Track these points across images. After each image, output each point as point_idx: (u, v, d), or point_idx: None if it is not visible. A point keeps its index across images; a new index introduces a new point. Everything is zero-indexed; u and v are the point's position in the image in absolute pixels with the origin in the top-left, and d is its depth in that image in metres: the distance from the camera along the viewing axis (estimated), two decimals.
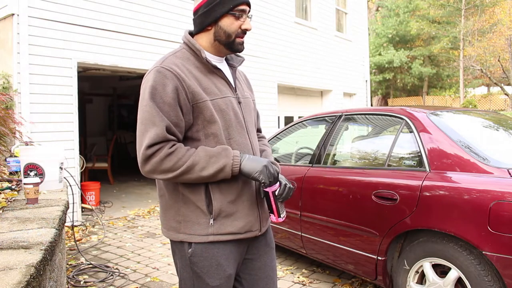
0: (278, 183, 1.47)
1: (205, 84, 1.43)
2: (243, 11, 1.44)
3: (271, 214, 1.52)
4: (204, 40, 1.49)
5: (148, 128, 1.34)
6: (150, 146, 1.33)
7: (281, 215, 1.50)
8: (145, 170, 1.36)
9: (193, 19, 1.50)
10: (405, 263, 2.44)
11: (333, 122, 3.34)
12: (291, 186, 1.51)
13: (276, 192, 1.46)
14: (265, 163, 1.40)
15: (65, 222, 2.23)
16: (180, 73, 1.38)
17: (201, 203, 1.40)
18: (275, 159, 3.59)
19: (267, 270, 1.58)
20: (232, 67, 1.58)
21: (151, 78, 1.38)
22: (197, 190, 1.41)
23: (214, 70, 1.47)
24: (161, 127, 1.33)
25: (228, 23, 1.43)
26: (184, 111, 1.38)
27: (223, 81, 1.49)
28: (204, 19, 1.45)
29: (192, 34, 1.53)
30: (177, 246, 1.48)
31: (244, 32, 1.46)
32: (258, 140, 1.74)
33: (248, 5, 1.46)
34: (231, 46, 1.47)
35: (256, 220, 1.50)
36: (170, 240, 1.51)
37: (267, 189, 1.45)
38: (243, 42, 1.48)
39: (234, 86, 1.53)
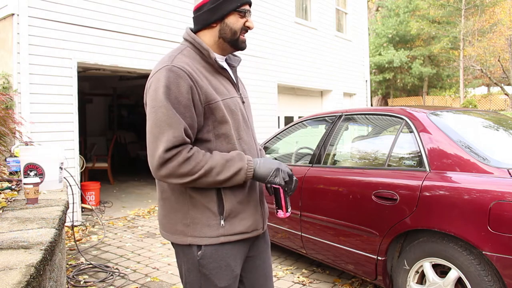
0: None
1: (215, 84, 1.42)
2: (248, 10, 1.47)
3: (278, 210, 1.53)
4: (208, 38, 1.47)
5: (164, 130, 1.28)
6: (168, 149, 1.28)
7: (289, 210, 1.53)
8: (160, 174, 1.31)
9: (195, 16, 1.49)
10: (405, 263, 2.44)
11: (333, 122, 3.34)
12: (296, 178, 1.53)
13: (286, 188, 1.48)
14: (277, 165, 1.43)
15: (65, 222, 2.23)
16: (192, 73, 1.35)
17: (211, 204, 1.39)
18: (275, 159, 3.60)
19: (265, 267, 1.61)
20: (231, 66, 1.58)
21: (163, 77, 1.32)
22: (208, 193, 1.39)
23: (220, 70, 1.47)
24: (180, 129, 1.29)
25: (234, 21, 1.44)
26: (197, 112, 1.35)
27: (228, 81, 1.49)
28: (210, 16, 1.44)
29: (192, 31, 1.51)
30: (182, 249, 1.44)
31: (246, 30, 1.49)
32: None
33: (250, 4, 1.50)
34: (235, 43, 1.48)
35: (260, 218, 1.53)
36: (174, 244, 1.48)
37: (276, 186, 1.48)
38: (245, 40, 1.51)
39: (237, 86, 1.55)
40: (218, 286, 1.40)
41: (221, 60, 1.52)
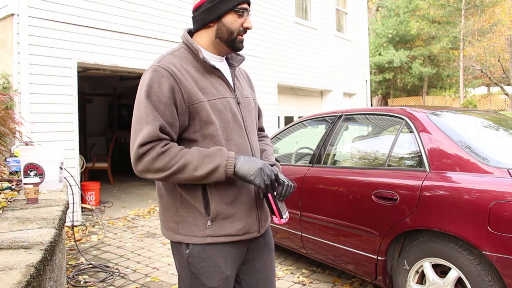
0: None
1: (202, 84, 1.41)
2: (245, 9, 1.45)
3: (273, 216, 1.49)
4: (205, 38, 1.47)
5: (142, 127, 1.32)
6: (142, 144, 1.31)
7: (284, 216, 1.47)
8: (137, 169, 1.34)
9: (194, 16, 1.49)
10: (405, 263, 2.44)
11: (333, 122, 3.34)
12: (290, 183, 1.47)
13: (275, 192, 1.43)
14: (261, 165, 1.36)
15: (65, 222, 2.23)
16: (176, 72, 1.37)
17: (198, 204, 1.39)
18: (276, 159, 3.59)
19: (266, 271, 1.58)
20: (232, 66, 1.57)
21: (147, 77, 1.37)
22: (195, 192, 1.39)
23: (212, 70, 1.46)
24: (155, 126, 1.31)
25: (231, 20, 1.43)
26: (179, 111, 1.36)
27: (221, 81, 1.47)
28: (207, 16, 1.44)
29: (191, 32, 1.52)
30: (175, 246, 1.48)
31: (245, 30, 1.46)
32: (260, 140, 1.72)
33: (249, 4, 1.47)
34: (232, 43, 1.46)
35: (255, 221, 1.49)
36: (170, 240, 1.51)
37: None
38: (243, 40, 1.48)
39: (233, 86, 1.52)
40: (207, 285, 1.41)
41: (217, 60, 1.50)
